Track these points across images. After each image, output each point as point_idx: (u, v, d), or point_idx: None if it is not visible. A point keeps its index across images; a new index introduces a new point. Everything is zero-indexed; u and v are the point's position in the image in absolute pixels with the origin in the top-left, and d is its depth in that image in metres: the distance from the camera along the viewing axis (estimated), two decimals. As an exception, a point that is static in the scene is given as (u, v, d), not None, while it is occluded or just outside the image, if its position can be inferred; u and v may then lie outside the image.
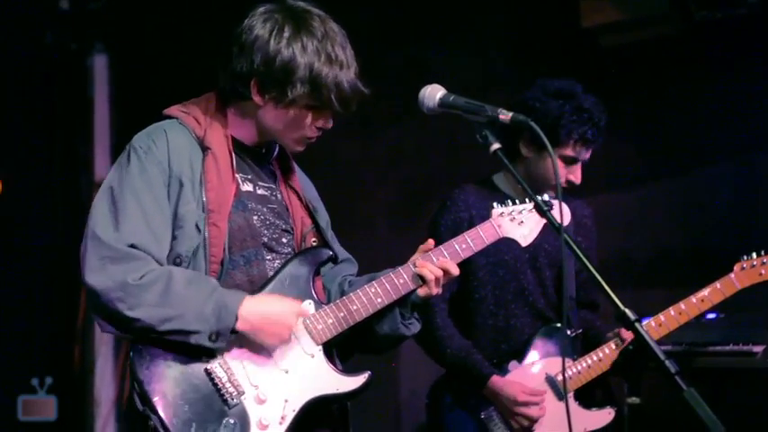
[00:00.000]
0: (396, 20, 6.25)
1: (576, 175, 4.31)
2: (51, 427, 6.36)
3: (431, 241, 3.23)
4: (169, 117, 3.15)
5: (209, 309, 2.90)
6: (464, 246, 3.25)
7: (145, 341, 2.94)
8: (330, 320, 3.08)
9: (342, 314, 3.10)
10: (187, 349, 2.93)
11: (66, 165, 6.81)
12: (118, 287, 2.88)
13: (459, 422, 4.30)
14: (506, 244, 3.33)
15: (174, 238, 3.00)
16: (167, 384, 2.91)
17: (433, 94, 3.03)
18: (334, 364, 3.12)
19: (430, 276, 3.14)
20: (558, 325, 4.34)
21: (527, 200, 3.36)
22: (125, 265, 2.90)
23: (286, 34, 3.05)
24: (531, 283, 4.38)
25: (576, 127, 4.22)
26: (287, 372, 3.02)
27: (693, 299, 4.30)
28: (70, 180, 6.82)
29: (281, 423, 2.97)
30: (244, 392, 2.96)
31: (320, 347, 3.08)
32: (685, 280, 4.54)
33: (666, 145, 5.68)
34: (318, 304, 3.12)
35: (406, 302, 3.20)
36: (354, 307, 3.11)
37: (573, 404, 4.21)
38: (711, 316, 4.81)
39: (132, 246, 2.93)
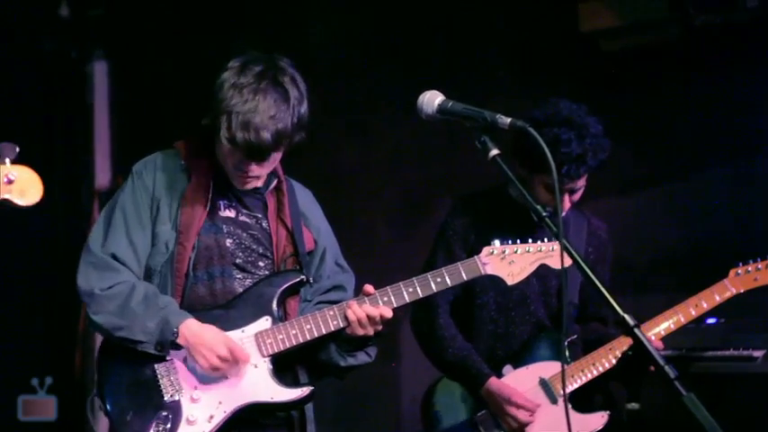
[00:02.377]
0: (395, 24, 6.25)
1: (562, 204, 4.21)
2: (51, 427, 6.35)
3: (368, 287, 3.46)
4: (173, 147, 3.60)
5: (154, 324, 3.35)
6: (439, 280, 3.52)
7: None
8: (280, 336, 3.43)
9: (293, 332, 3.44)
10: (141, 351, 3.39)
11: (66, 171, 6.80)
12: (88, 293, 3.43)
13: (454, 424, 4.31)
14: None
15: (149, 253, 3.48)
16: (117, 377, 3.41)
17: (432, 100, 3.02)
18: (279, 376, 3.44)
19: (352, 317, 3.42)
20: (551, 331, 4.35)
21: (529, 239, 3.60)
22: (101, 272, 3.43)
23: (226, 75, 3.39)
24: (534, 292, 4.38)
25: (557, 158, 4.10)
26: (227, 378, 3.39)
27: (688, 305, 4.31)
28: (71, 186, 6.82)
29: (209, 421, 3.35)
30: (181, 391, 3.38)
31: (266, 359, 3.43)
32: (685, 285, 4.54)
33: (665, 149, 5.67)
34: (276, 321, 3.46)
35: (341, 336, 3.49)
36: (295, 331, 3.42)
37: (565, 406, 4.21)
38: (711, 321, 4.82)
39: (113, 256, 3.45)
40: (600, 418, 4.28)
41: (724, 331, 4.80)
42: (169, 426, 3.32)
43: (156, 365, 3.39)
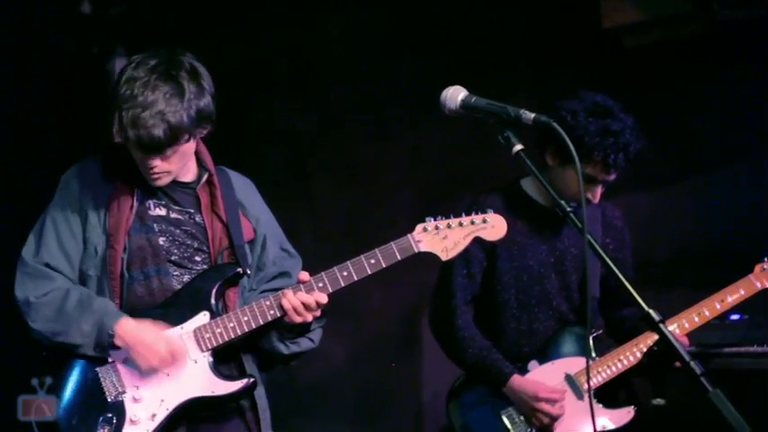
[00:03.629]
0: (416, 22, 6.25)
1: (593, 194, 4.23)
2: (51, 427, 6.34)
3: (303, 274, 3.49)
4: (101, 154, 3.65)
5: (89, 326, 3.41)
6: (373, 261, 3.49)
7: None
8: (218, 330, 3.47)
9: (231, 324, 3.47)
10: (83, 355, 3.46)
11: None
12: (24, 302, 3.51)
13: (479, 421, 4.31)
14: (531, 248, 3.33)
15: (81, 259, 3.54)
16: (67, 380, 3.50)
17: (455, 95, 3.02)
18: (218, 370, 3.48)
19: (287, 306, 3.45)
20: (579, 326, 4.34)
21: (473, 213, 3.57)
22: (36, 281, 3.51)
23: (124, 74, 3.44)
24: (555, 288, 4.37)
25: (598, 148, 4.13)
26: (168, 375, 3.44)
27: (713, 300, 4.29)
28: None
29: (151, 419, 3.41)
30: (124, 392, 3.43)
31: (205, 354, 3.47)
32: (707, 280, 4.52)
33: (689, 145, 5.65)
34: (214, 315, 3.49)
35: (281, 325, 3.53)
36: (233, 323, 3.46)
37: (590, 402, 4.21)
38: (734, 317, 4.80)
39: (46, 264, 3.52)
40: (626, 413, 4.28)
41: (747, 327, 4.78)
42: (114, 427, 3.38)
43: (97, 368, 3.45)
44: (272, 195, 3.96)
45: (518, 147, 2.89)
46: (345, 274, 3.46)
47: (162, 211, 3.59)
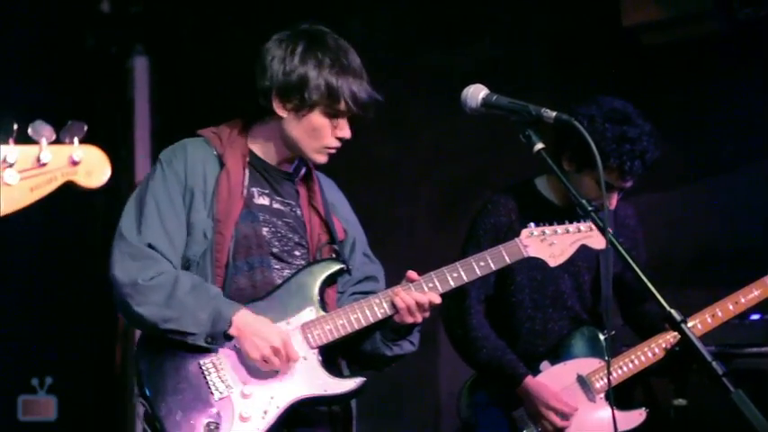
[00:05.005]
0: (435, 20, 6.24)
1: (609, 202, 4.17)
2: (51, 427, 6.36)
3: (411, 273, 3.36)
4: (199, 135, 3.47)
5: (206, 314, 3.20)
6: (482, 263, 3.41)
7: (150, 336, 3.30)
8: (327, 327, 3.32)
9: (340, 322, 3.32)
10: (186, 345, 3.24)
11: (106, 166, 6.83)
12: (130, 284, 3.23)
13: (491, 421, 4.30)
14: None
15: (186, 242, 3.33)
16: (162, 375, 3.23)
17: (476, 93, 3.02)
18: (329, 368, 3.32)
19: (401, 305, 3.31)
20: (592, 327, 4.33)
21: (566, 221, 3.50)
22: (141, 262, 3.26)
23: (300, 49, 3.35)
24: (569, 287, 4.36)
25: (614, 155, 4.08)
26: (277, 372, 3.25)
27: (728, 302, 4.26)
28: (111, 182, 6.83)
29: (263, 417, 3.21)
30: (231, 387, 3.23)
31: (314, 351, 3.31)
32: (727, 280, 4.50)
33: (708, 144, 5.63)
34: (320, 311, 3.35)
35: (387, 325, 3.38)
36: (342, 321, 3.32)
37: (604, 404, 4.19)
38: (755, 317, 4.78)
39: (150, 245, 3.28)
40: (638, 415, 4.24)
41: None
42: (221, 424, 3.17)
43: (201, 360, 3.24)
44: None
45: (539, 145, 2.89)
46: (456, 275, 3.37)
47: (265, 201, 3.43)
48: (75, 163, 2.40)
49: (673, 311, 2.63)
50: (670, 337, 4.21)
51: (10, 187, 2.31)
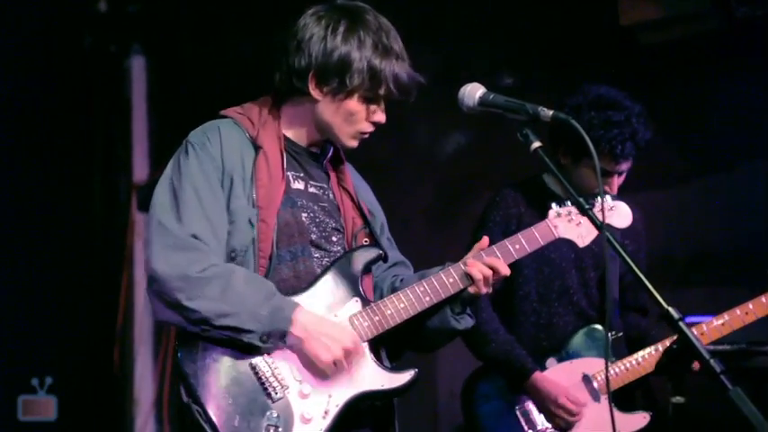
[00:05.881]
0: (431, 18, 6.23)
1: (610, 187, 4.24)
2: (51, 427, 6.35)
3: (485, 239, 3.25)
4: (225, 117, 3.24)
5: (266, 311, 2.98)
6: (517, 246, 3.28)
7: (191, 336, 3.02)
8: (377, 318, 3.13)
9: (389, 312, 3.14)
10: (233, 345, 3.00)
11: (104, 166, 6.83)
12: (179, 277, 2.97)
13: (494, 414, 4.31)
14: (553, 243, 3.32)
15: (228, 232, 3.09)
16: (212, 378, 2.99)
17: (473, 92, 3.03)
18: (381, 361, 3.15)
19: (478, 276, 3.16)
20: (599, 326, 4.33)
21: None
22: (188, 254, 3.00)
23: (342, 28, 3.15)
24: (575, 283, 4.37)
25: (603, 140, 4.13)
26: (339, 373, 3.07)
27: (738, 310, 4.25)
28: (109, 181, 6.85)
29: (324, 417, 3.02)
30: (288, 387, 3.01)
31: (365, 344, 3.12)
32: (726, 280, 4.50)
33: (707, 143, 5.63)
34: (366, 302, 3.16)
35: (456, 299, 3.22)
36: (402, 305, 3.14)
37: (608, 405, 4.19)
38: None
39: (194, 236, 3.03)
40: (642, 418, 4.27)
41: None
42: (282, 427, 2.97)
43: (252, 360, 3.01)
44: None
45: (536, 144, 2.90)
46: (506, 250, 3.25)
47: (300, 185, 3.24)
48: None
49: (671, 309, 2.63)
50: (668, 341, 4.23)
51: None
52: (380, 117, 3.23)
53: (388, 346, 3.26)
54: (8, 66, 6.01)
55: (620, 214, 3.43)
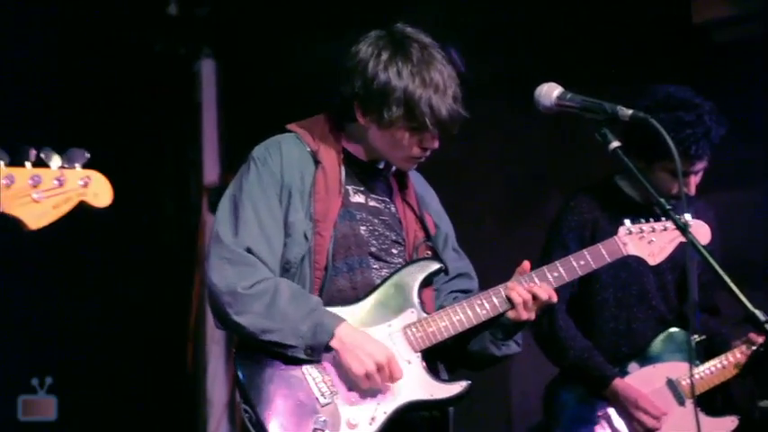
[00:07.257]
0: (501, 20, 6.21)
1: (687, 188, 4.16)
2: (51, 427, 6.40)
3: (526, 264, 3.27)
4: (289, 131, 3.36)
5: (306, 326, 3.09)
6: (582, 262, 3.30)
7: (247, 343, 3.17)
8: (430, 329, 3.19)
9: (443, 324, 3.20)
10: (286, 355, 3.13)
11: (175, 168, 6.90)
12: (229, 292, 3.13)
13: (576, 421, 4.28)
14: None
15: (284, 244, 3.22)
16: (264, 382, 3.11)
17: (550, 92, 3.03)
18: (433, 372, 3.21)
19: (518, 300, 3.19)
20: (679, 329, 4.28)
21: (662, 218, 3.36)
22: (240, 268, 3.14)
23: (383, 58, 3.22)
24: (653, 287, 4.33)
25: (675, 142, 4.06)
26: (378, 390, 3.13)
27: None
28: (180, 183, 6.91)
29: (370, 423, 3.10)
30: (336, 393, 3.11)
31: (418, 354, 3.19)
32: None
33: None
34: (421, 313, 3.23)
35: (497, 324, 3.26)
36: (445, 323, 3.20)
37: (695, 410, 4.15)
38: None
39: (248, 249, 3.17)
40: (730, 422, 4.21)
41: None
42: (329, 430, 3.06)
43: (304, 367, 3.12)
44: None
45: (615, 144, 2.90)
46: (556, 274, 3.26)
47: (361, 198, 3.33)
48: (85, 185, 2.60)
49: (756, 312, 2.61)
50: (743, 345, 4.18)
51: (38, 204, 2.56)
52: (431, 144, 3.28)
53: (445, 359, 3.33)
54: (80, 70, 6.09)
55: (698, 233, 3.39)
